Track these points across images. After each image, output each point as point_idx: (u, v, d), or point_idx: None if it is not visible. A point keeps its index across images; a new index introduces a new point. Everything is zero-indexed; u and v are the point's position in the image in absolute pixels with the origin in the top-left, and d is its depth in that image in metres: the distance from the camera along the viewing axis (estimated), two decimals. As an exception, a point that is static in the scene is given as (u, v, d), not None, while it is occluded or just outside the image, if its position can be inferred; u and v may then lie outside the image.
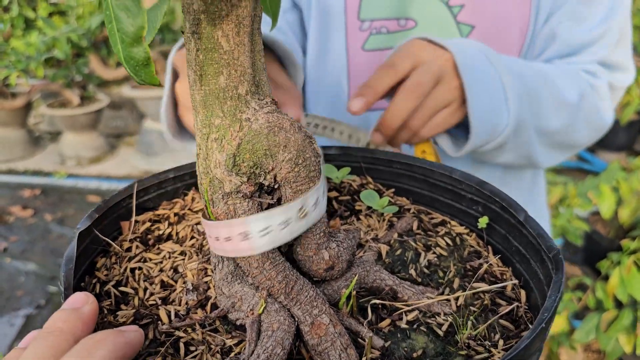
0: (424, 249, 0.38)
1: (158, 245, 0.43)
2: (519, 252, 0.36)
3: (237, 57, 0.30)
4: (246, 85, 0.31)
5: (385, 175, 0.48)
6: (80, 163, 3.60)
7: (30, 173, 3.56)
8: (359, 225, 0.41)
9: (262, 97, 0.31)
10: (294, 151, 0.30)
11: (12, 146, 3.72)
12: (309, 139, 0.31)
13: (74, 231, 0.41)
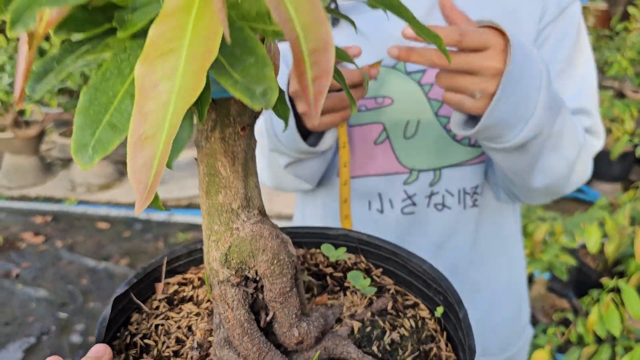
0: (390, 328, 0.47)
1: (180, 305, 0.52)
2: (461, 343, 0.45)
3: (232, 182, 0.41)
4: (238, 201, 0.41)
5: (375, 256, 0.57)
6: (90, 190, 3.72)
7: (42, 199, 3.68)
8: (344, 300, 0.51)
9: (251, 210, 0.42)
10: (270, 254, 0.40)
11: (24, 173, 3.85)
12: (284, 244, 0.41)
13: (111, 297, 0.51)
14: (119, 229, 3.27)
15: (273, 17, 0.20)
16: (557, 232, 1.84)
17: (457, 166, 0.80)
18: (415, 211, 0.81)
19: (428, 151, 0.79)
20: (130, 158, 0.24)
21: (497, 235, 0.88)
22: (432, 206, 0.80)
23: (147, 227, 3.30)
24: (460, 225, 0.82)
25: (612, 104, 3.50)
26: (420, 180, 0.80)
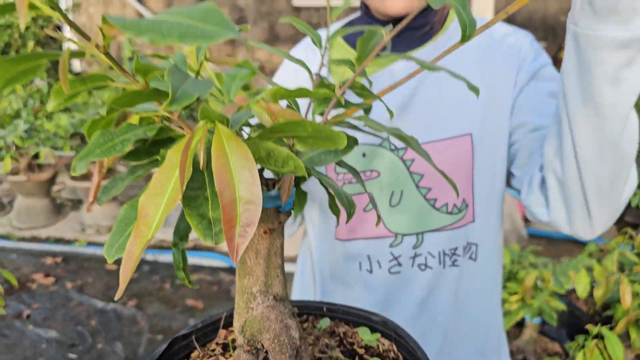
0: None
1: (230, 353, 0.63)
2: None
3: (254, 270, 0.52)
4: (258, 286, 0.52)
5: (404, 349, 0.63)
6: (99, 231, 3.83)
7: (52, 241, 3.79)
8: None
9: (267, 295, 0.53)
10: (272, 334, 0.51)
11: (36, 214, 3.97)
12: (287, 328, 0.52)
13: (170, 337, 0.62)
14: (127, 270, 3.37)
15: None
16: (546, 279, 1.94)
17: (437, 231, 0.91)
18: (401, 271, 0.91)
19: (411, 218, 0.91)
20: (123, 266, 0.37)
21: (478, 290, 0.98)
22: (416, 266, 0.91)
23: (154, 268, 3.40)
24: (441, 283, 0.93)
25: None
26: (405, 243, 0.91)
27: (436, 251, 0.91)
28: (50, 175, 3.78)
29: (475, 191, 0.89)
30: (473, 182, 0.89)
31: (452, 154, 0.88)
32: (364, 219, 0.92)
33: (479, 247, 0.92)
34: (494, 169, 0.90)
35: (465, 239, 0.92)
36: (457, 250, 0.91)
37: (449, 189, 0.89)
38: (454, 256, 0.92)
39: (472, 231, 0.91)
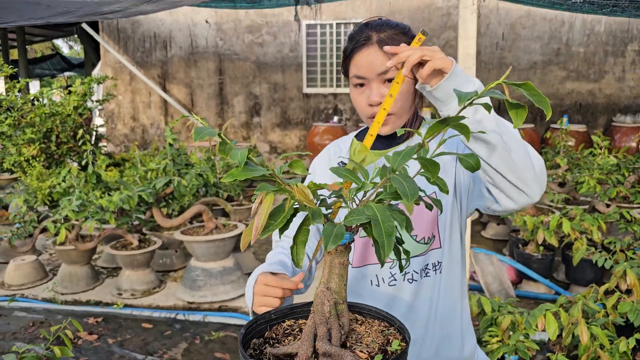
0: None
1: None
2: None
3: (324, 270, 1.03)
4: (323, 279, 1.03)
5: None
6: (134, 295, 4.29)
7: (92, 303, 4.24)
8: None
9: (325, 285, 1.02)
10: (318, 307, 1.00)
11: (78, 280, 4.45)
12: (324, 305, 1.00)
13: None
14: (162, 328, 3.80)
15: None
16: (519, 322, 2.38)
17: (418, 256, 1.39)
18: (396, 284, 1.37)
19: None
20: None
21: (444, 291, 1.39)
22: (406, 280, 1.38)
23: (184, 326, 3.83)
24: (421, 289, 1.37)
25: (582, 218, 4.12)
26: (396, 266, 1.39)
27: (418, 268, 1.38)
28: (94, 245, 4.29)
29: (440, 228, 1.38)
30: (437, 222, 1.38)
31: (424, 206, 1.37)
32: (371, 251, 1.40)
33: (442, 264, 1.40)
34: (451, 211, 1.38)
35: (436, 259, 1.39)
36: (428, 266, 1.39)
37: (424, 228, 1.36)
38: (426, 270, 1.40)
39: (439, 253, 1.38)
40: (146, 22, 9.56)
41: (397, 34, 1.32)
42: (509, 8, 8.46)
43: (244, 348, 0.95)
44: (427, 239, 1.36)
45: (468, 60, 3.60)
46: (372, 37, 1.31)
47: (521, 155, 1.11)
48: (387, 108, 1.21)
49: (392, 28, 1.33)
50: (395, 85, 1.17)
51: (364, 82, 1.33)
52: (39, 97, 6.79)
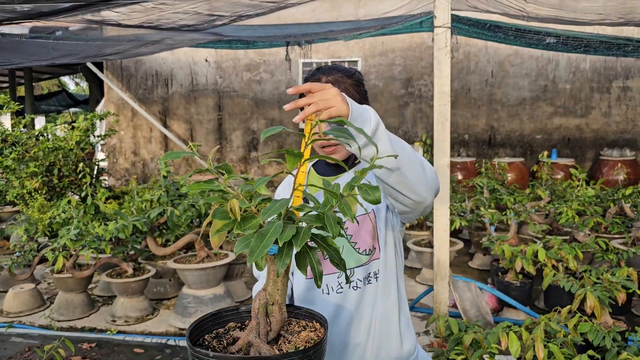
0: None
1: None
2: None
3: (267, 284, 1.22)
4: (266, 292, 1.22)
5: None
6: (128, 322, 4.44)
7: (87, 330, 4.40)
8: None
9: (271, 298, 1.22)
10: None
11: (74, 308, 4.61)
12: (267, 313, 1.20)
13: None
14: (152, 353, 3.94)
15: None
16: (480, 340, 2.54)
17: (361, 266, 1.57)
18: (343, 291, 1.56)
19: (347, 260, 1.57)
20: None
21: (381, 296, 1.56)
22: (351, 288, 1.56)
23: (175, 351, 3.97)
24: (364, 294, 1.55)
25: (560, 247, 4.29)
26: (344, 275, 1.58)
27: (362, 277, 1.57)
28: (90, 273, 4.47)
29: (379, 240, 1.56)
30: (378, 235, 1.57)
31: (366, 221, 1.56)
32: (325, 263, 1.59)
33: (379, 272, 1.57)
34: (385, 227, 1.57)
35: (376, 268, 1.57)
36: (370, 274, 1.57)
37: (365, 241, 1.55)
38: (368, 278, 1.58)
39: (378, 263, 1.57)
40: (148, 60, 9.95)
41: (342, 77, 1.54)
42: (497, 47, 8.81)
43: (193, 342, 1.11)
44: (368, 251, 1.55)
45: (443, 98, 3.85)
46: (321, 79, 1.54)
47: (415, 172, 1.27)
48: (307, 147, 1.23)
49: (339, 72, 1.56)
50: (308, 133, 1.21)
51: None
52: (43, 132, 7.09)
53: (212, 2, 3.47)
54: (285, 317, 1.13)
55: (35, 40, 4.46)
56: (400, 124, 9.32)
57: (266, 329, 1.07)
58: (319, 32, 5.17)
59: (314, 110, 1.11)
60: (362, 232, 1.55)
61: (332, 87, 1.15)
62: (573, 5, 3.76)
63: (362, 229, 1.55)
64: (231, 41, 5.54)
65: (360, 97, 1.57)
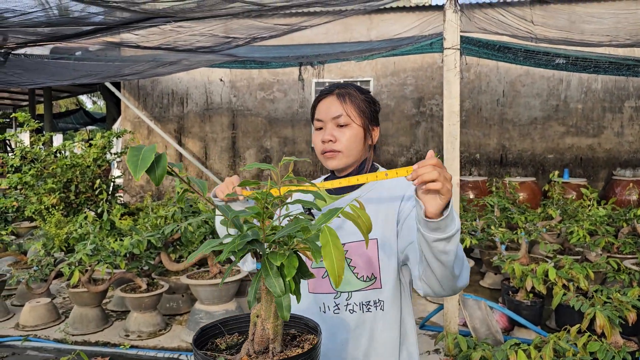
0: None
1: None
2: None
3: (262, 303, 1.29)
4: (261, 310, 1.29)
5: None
6: (141, 336, 4.50)
7: (101, 344, 4.46)
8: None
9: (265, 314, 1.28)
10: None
11: (88, 322, 4.68)
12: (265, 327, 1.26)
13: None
14: (164, 367, 3.99)
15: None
16: (488, 357, 2.56)
17: (358, 291, 1.60)
18: (339, 312, 1.58)
19: (344, 282, 1.59)
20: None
21: (384, 327, 1.57)
22: (348, 310, 1.58)
23: (186, 366, 4.02)
24: (363, 320, 1.57)
25: (571, 267, 4.29)
26: (342, 297, 1.59)
27: (358, 302, 1.59)
28: (105, 288, 4.55)
29: (381, 270, 1.57)
30: (379, 265, 1.58)
31: (367, 249, 1.59)
32: (321, 282, 1.63)
33: (385, 302, 1.59)
34: (391, 258, 1.58)
35: (376, 297, 1.58)
36: (370, 302, 1.59)
37: (364, 267, 1.57)
38: (368, 306, 1.61)
39: (381, 293, 1.58)
40: (165, 80, 10.15)
41: (354, 91, 1.62)
42: (508, 67, 8.88)
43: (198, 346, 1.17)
44: (366, 278, 1.56)
45: (453, 117, 3.91)
46: (334, 90, 1.62)
47: (456, 273, 1.35)
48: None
49: (353, 87, 1.63)
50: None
51: (322, 124, 1.61)
52: (61, 150, 7.25)
53: (228, 24, 3.59)
54: (272, 332, 1.11)
55: (56, 61, 4.62)
56: (412, 142, 9.39)
57: (260, 339, 1.11)
58: (331, 53, 5.28)
59: (438, 187, 1.18)
60: (362, 257, 1.56)
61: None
62: (581, 27, 3.83)
63: (363, 254, 1.56)
64: (245, 61, 5.67)
65: (372, 114, 1.63)
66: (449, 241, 1.25)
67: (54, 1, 2.32)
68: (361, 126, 1.59)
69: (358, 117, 1.59)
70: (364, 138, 1.61)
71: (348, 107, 1.58)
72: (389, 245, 1.57)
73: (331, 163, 1.61)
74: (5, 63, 3.61)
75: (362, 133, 1.60)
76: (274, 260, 0.99)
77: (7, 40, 3.02)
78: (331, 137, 1.58)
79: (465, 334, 4.20)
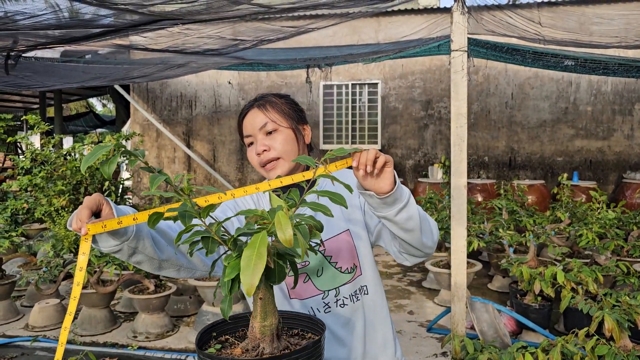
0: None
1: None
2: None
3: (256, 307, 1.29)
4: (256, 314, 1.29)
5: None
6: (149, 338, 4.52)
7: (109, 345, 4.49)
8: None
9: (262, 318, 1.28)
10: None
11: (97, 323, 4.71)
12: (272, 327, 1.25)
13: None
14: (172, 368, 4.01)
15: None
16: (495, 359, 2.55)
17: (345, 284, 1.60)
18: (331, 310, 1.58)
19: (330, 280, 1.59)
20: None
21: (373, 308, 1.62)
22: (339, 306, 1.58)
23: (194, 368, 4.03)
24: (355, 310, 1.59)
25: (580, 270, 4.26)
26: (330, 295, 1.59)
27: (347, 294, 1.60)
28: (113, 289, 4.58)
29: (360, 258, 1.61)
30: (357, 254, 1.61)
31: (344, 241, 1.60)
32: (305, 287, 1.61)
33: (368, 286, 1.62)
34: (364, 244, 1.62)
35: (360, 284, 1.61)
36: (357, 291, 1.61)
37: (346, 260, 1.59)
38: (357, 295, 1.62)
39: (362, 279, 1.61)
40: (173, 83, 10.21)
41: (273, 97, 1.64)
42: (516, 69, 8.84)
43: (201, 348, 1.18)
44: (349, 269, 1.60)
45: (460, 120, 3.90)
46: (253, 104, 1.62)
47: (427, 231, 1.44)
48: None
49: (270, 95, 1.65)
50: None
51: (252, 139, 1.60)
52: (71, 152, 7.31)
53: (236, 27, 3.61)
54: (259, 332, 1.11)
55: (66, 64, 4.66)
56: (420, 145, 9.37)
57: (252, 339, 1.12)
58: (339, 55, 5.29)
59: (383, 161, 1.27)
60: (342, 251, 1.59)
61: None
62: (589, 29, 3.81)
63: (341, 248, 1.59)
64: (253, 64, 5.69)
65: (296, 115, 1.65)
66: (408, 205, 1.34)
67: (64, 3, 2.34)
68: (289, 127, 1.60)
69: (284, 120, 1.60)
70: (297, 139, 1.62)
71: (271, 114, 1.58)
72: (359, 232, 1.62)
73: (273, 173, 1.59)
74: (15, 66, 3.65)
75: (292, 134, 1.60)
76: (225, 261, 1.01)
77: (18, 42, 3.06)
78: (264, 146, 1.57)
79: (473, 337, 4.18)
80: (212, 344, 1.18)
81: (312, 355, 1.11)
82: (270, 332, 1.12)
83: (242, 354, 1.10)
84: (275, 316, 1.17)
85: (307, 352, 1.09)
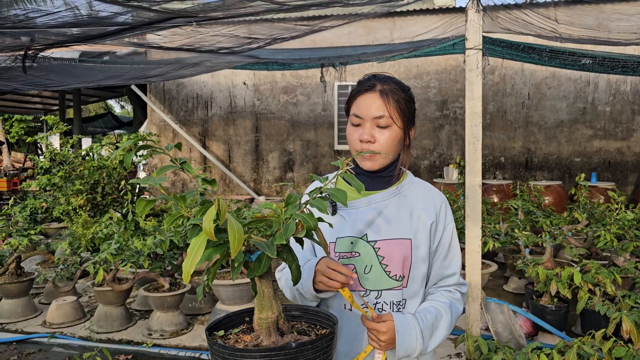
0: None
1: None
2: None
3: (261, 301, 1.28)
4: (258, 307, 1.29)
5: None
6: (163, 335, 4.55)
7: (124, 342, 4.53)
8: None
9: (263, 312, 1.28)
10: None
11: (112, 320, 4.76)
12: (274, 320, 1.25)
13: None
14: (185, 366, 4.03)
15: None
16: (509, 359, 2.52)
17: (389, 290, 1.60)
18: (367, 311, 1.60)
19: (375, 281, 1.58)
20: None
21: None
22: (377, 309, 1.57)
23: (207, 365, 4.05)
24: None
25: (598, 271, 4.18)
26: (371, 295, 1.58)
27: (389, 301, 1.57)
28: (129, 287, 4.62)
29: (411, 271, 1.57)
30: (411, 265, 1.57)
31: (400, 247, 1.56)
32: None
33: (407, 302, 1.59)
34: (421, 261, 1.58)
35: (401, 296, 1.60)
36: (400, 302, 1.57)
37: (397, 265, 1.56)
38: (399, 306, 1.58)
39: (404, 292, 1.58)
40: (190, 84, 10.29)
41: (397, 89, 1.55)
42: (533, 69, 8.75)
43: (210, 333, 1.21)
44: (397, 277, 1.56)
45: (475, 118, 3.86)
46: (376, 86, 1.53)
47: (454, 325, 1.60)
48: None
49: (394, 83, 1.56)
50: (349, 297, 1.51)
51: (360, 121, 1.54)
52: (89, 152, 7.40)
53: (249, 25, 3.62)
54: (256, 324, 1.19)
55: (83, 64, 4.73)
56: (435, 146, 9.31)
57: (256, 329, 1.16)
58: (353, 54, 5.29)
59: (376, 347, 1.47)
60: (396, 256, 1.55)
61: (393, 332, 1.45)
62: (608, 26, 3.75)
63: (396, 253, 1.55)
64: (268, 63, 5.71)
65: (410, 114, 1.59)
66: (430, 346, 1.52)
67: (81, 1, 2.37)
68: (401, 128, 1.55)
69: (399, 119, 1.54)
70: (403, 140, 1.58)
71: (391, 108, 1.51)
72: (420, 249, 1.58)
73: (367, 164, 1.57)
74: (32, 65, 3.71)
75: (401, 135, 1.56)
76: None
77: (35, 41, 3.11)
78: (371, 137, 1.52)
79: (487, 338, 4.14)
80: (218, 335, 1.21)
81: (319, 350, 1.11)
82: (266, 324, 1.14)
83: (240, 342, 1.14)
84: (273, 310, 1.18)
85: (311, 347, 1.10)
